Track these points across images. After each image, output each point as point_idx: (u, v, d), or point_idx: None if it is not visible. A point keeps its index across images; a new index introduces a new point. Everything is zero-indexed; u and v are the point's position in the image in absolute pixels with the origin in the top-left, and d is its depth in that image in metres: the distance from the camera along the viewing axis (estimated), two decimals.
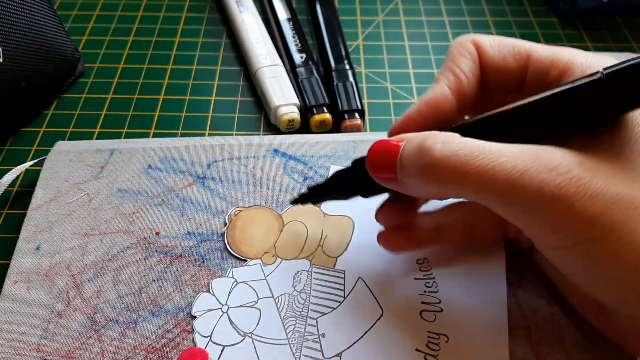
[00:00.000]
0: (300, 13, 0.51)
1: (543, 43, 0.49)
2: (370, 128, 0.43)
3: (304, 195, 0.32)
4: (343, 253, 0.32)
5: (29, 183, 0.38)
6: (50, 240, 0.33)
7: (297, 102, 0.42)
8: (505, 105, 0.25)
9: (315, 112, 0.41)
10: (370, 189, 0.29)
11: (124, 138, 0.41)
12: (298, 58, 0.45)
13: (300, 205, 0.34)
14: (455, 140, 0.23)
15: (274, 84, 0.42)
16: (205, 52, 0.49)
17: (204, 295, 0.31)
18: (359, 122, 0.41)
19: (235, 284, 0.31)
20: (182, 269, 0.32)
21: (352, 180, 0.30)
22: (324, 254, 0.32)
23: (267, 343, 0.29)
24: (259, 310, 0.30)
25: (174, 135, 0.42)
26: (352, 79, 0.43)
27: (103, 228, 0.33)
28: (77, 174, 0.36)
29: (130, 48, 0.49)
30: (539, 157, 0.22)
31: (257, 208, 0.34)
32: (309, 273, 0.32)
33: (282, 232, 0.33)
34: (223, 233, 0.33)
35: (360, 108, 0.41)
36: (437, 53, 0.49)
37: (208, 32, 0.51)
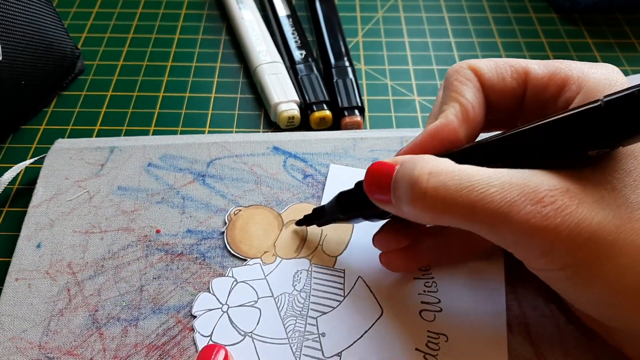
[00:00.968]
0: (300, 10, 0.51)
1: (543, 39, 0.50)
2: (370, 125, 0.43)
3: (309, 217, 0.32)
4: (343, 252, 0.33)
5: (30, 181, 0.38)
6: (51, 238, 0.33)
7: (297, 99, 0.42)
8: (500, 132, 0.25)
9: (315, 109, 0.41)
10: (373, 212, 0.28)
11: (124, 136, 0.41)
12: (298, 55, 0.45)
13: (301, 204, 0.34)
14: (444, 170, 0.23)
15: (274, 81, 0.42)
16: (205, 49, 0.49)
17: (204, 295, 0.31)
18: (359, 119, 0.41)
19: (235, 284, 0.31)
20: (182, 267, 0.32)
21: (355, 202, 0.29)
22: (324, 253, 0.33)
23: (267, 342, 0.29)
24: (259, 310, 0.30)
25: (174, 133, 0.42)
26: (352, 76, 0.43)
27: (104, 226, 0.33)
28: (77, 172, 0.36)
29: (130, 45, 0.49)
30: (527, 186, 0.22)
31: (256, 207, 0.34)
32: (309, 272, 0.32)
33: (281, 231, 0.33)
34: (223, 232, 0.33)
35: (360, 105, 0.41)
36: (437, 50, 0.49)
37: (207, 29, 0.51)
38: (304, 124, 0.42)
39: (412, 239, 0.30)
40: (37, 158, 0.37)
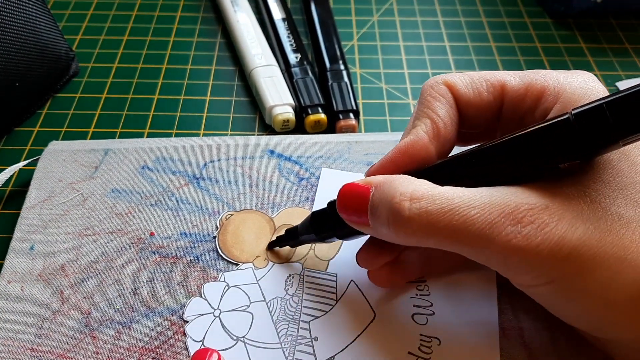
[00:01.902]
0: (295, 13, 0.51)
1: (537, 43, 0.50)
2: (365, 128, 0.43)
3: (281, 237, 0.32)
4: (335, 256, 0.33)
5: (23, 183, 0.38)
6: (44, 241, 0.33)
7: (291, 102, 0.42)
8: (473, 146, 0.25)
9: (310, 112, 0.41)
10: (346, 231, 0.28)
11: (118, 138, 0.41)
12: (293, 58, 0.45)
13: (293, 208, 0.34)
14: (425, 194, 0.23)
15: (269, 84, 0.42)
16: (200, 51, 0.49)
17: (196, 300, 0.31)
18: (354, 122, 0.41)
19: (227, 288, 0.31)
20: (176, 270, 0.32)
21: (328, 222, 0.29)
22: (316, 257, 0.32)
23: (259, 347, 0.29)
24: (252, 314, 0.30)
25: (169, 135, 0.42)
26: (347, 79, 0.43)
27: (97, 228, 0.33)
28: (71, 174, 0.36)
29: (125, 47, 0.49)
30: (506, 206, 0.22)
31: (248, 212, 0.34)
32: (301, 276, 0.32)
33: (273, 235, 0.33)
34: (215, 237, 0.33)
35: (355, 108, 0.41)
36: (431, 54, 0.49)
37: (203, 31, 0.51)
38: (299, 127, 0.42)
39: (396, 254, 0.29)
40: (30, 160, 0.37)
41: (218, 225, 0.34)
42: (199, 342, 0.29)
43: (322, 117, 0.41)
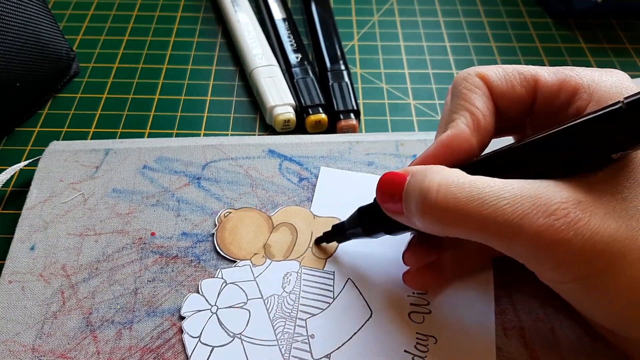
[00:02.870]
0: (296, 13, 0.52)
1: (538, 44, 0.50)
2: (366, 129, 0.43)
3: (328, 233, 0.32)
4: (332, 254, 0.33)
5: (24, 183, 0.38)
6: (45, 241, 0.33)
7: (292, 102, 0.42)
8: (515, 142, 0.24)
9: (311, 112, 0.41)
10: (395, 225, 0.28)
11: (119, 138, 0.41)
12: (293, 58, 0.45)
13: (292, 207, 0.34)
14: (454, 181, 0.23)
15: (270, 84, 0.42)
16: (201, 51, 0.49)
17: (193, 296, 0.31)
18: (355, 122, 0.41)
19: (225, 285, 0.31)
20: (177, 270, 0.32)
21: (375, 217, 0.29)
22: (314, 255, 0.33)
23: (256, 344, 0.29)
24: (249, 311, 0.30)
25: (169, 135, 0.42)
26: (347, 79, 0.43)
27: (98, 228, 0.33)
28: (72, 174, 0.36)
29: (125, 47, 0.49)
30: (539, 198, 0.22)
31: (246, 210, 0.34)
32: (299, 274, 0.32)
33: (271, 233, 0.33)
34: (213, 234, 0.33)
35: (356, 108, 0.41)
36: (432, 54, 0.49)
37: (203, 31, 0.51)
38: (300, 127, 0.42)
39: (438, 254, 0.29)
40: (31, 160, 0.37)
41: (216, 223, 0.34)
42: (196, 338, 0.29)
43: (322, 117, 0.41)
